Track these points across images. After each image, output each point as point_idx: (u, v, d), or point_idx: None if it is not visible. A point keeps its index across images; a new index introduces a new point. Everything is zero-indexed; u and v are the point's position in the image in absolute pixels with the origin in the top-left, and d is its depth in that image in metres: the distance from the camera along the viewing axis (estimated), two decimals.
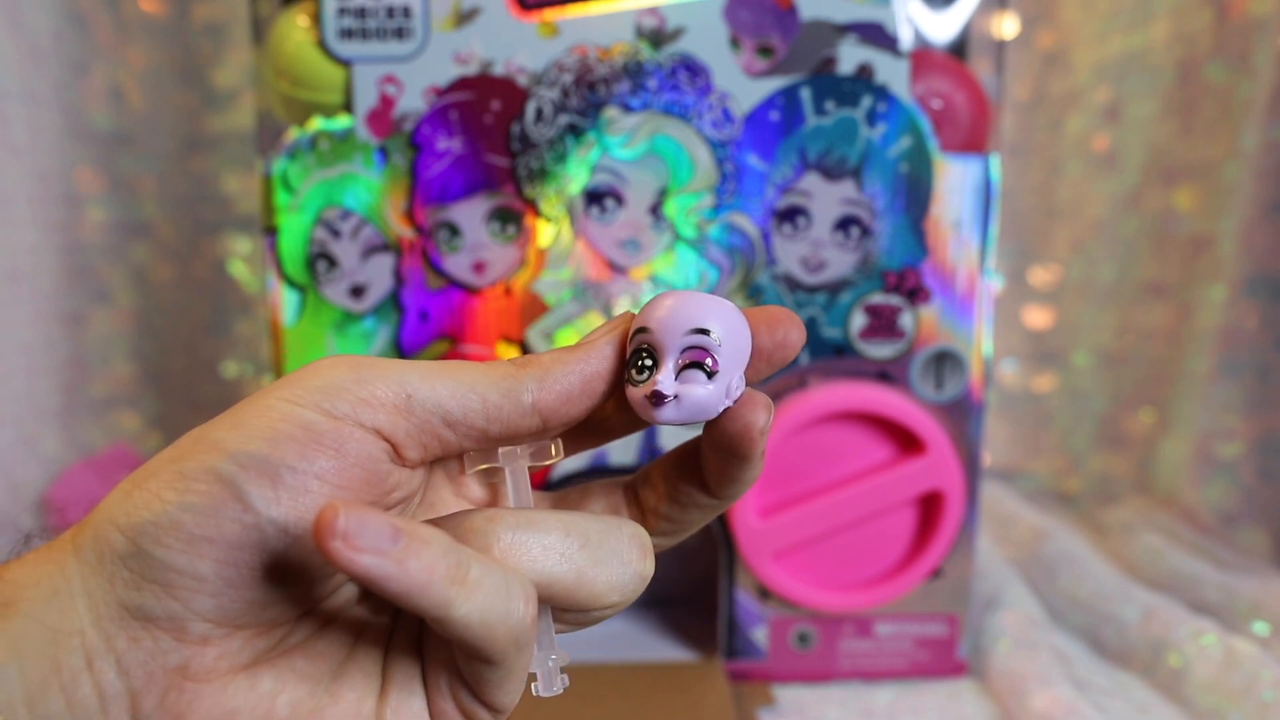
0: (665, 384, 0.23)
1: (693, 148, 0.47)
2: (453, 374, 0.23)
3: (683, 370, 0.23)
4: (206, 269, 0.82)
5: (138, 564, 0.20)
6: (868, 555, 0.51)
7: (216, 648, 0.21)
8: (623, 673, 0.50)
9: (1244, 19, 0.66)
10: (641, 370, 0.23)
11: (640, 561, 0.24)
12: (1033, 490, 0.83)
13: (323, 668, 0.23)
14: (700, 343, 0.23)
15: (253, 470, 0.20)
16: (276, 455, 0.21)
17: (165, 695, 0.21)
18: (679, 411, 0.23)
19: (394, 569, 0.19)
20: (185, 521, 0.20)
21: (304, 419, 0.21)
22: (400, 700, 0.23)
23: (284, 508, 0.21)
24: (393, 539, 0.19)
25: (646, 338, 0.23)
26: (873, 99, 0.47)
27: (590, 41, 0.46)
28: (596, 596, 0.23)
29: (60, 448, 0.70)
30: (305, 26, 0.46)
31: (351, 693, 0.23)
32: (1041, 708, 0.45)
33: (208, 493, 0.20)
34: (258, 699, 0.22)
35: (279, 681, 0.22)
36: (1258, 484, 0.66)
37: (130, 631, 0.20)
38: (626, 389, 0.24)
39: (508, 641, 0.21)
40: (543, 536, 0.22)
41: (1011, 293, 0.85)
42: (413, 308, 0.48)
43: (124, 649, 0.20)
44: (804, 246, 0.48)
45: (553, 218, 0.48)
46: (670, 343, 0.23)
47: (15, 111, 0.64)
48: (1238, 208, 0.65)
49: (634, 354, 0.24)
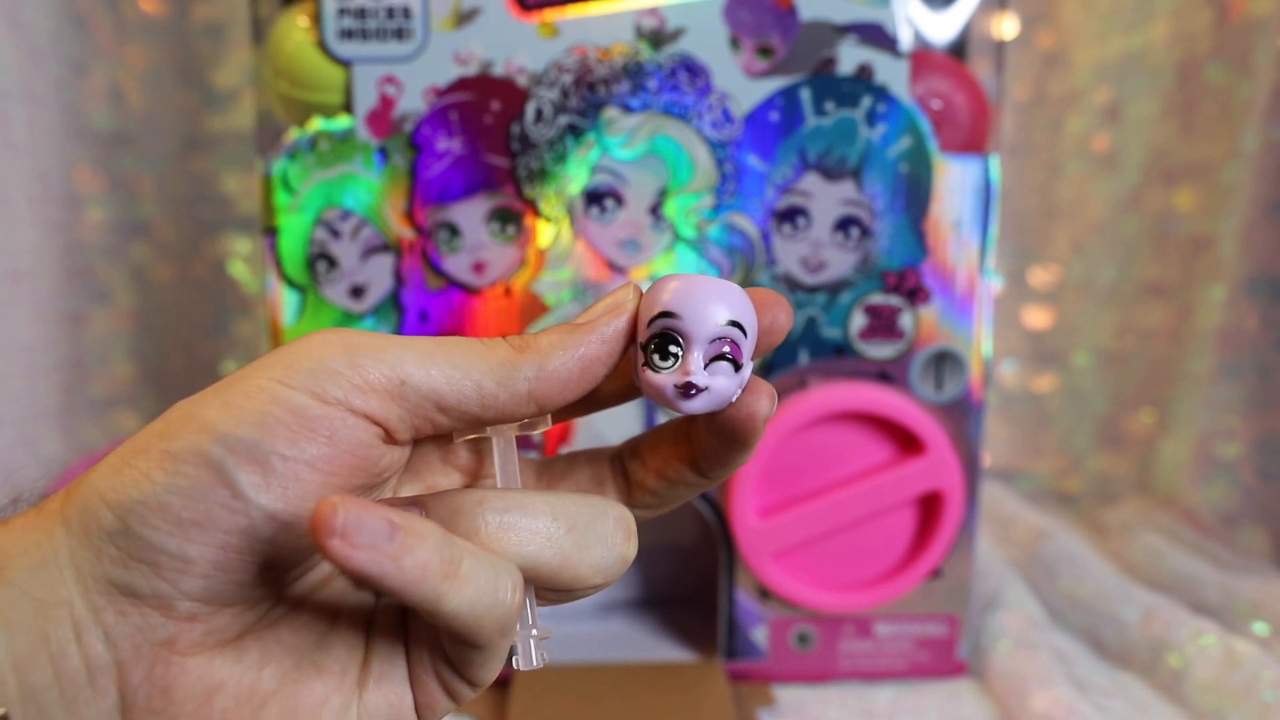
0: (699, 375, 0.22)
1: (692, 148, 0.47)
2: (449, 357, 0.22)
3: (711, 362, 0.23)
4: (206, 269, 0.82)
5: (126, 542, 0.20)
6: (868, 555, 0.50)
7: (204, 624, 0.21)
8: (623, 673, 0.50)
9: (1244, 19, 0.66)
10: (666, 357, 0.23)
11: (624, 545, 0.24)
12: (1033, 490, 0.83)
13: (307, 640, 0.23)
14: (733, 335, 0.23)
15: (243, 456, 0.20)
16: (267, 441, 0.20)
17: (152, 668, 0.21)
18: (706, 402, 0.23)
19: (390, 566, 0.19)
20: (173, 504, 0.20)
21: (295, 403, 0.21)
22: (383, 671, 0.23)
23: (273, 494, 0.21)
24: (389, 536, 0.19)
25: (675, 324, 0.23)
26: (872, 99, 0.47)
27: (590, 42, 0.46)
28: (579, 579, 0.23)
29: (60, 448, 0.70)
30: (305, 27, 0.46)
31: (335, 664, 0.23)
32: (1041, 708, 0.45)
33: (196, 476, 0.20)
34: (243, 671, 0.22)
35: (264, 654, 0.22)
36: (1258, 484, 0.66)
37: (118, 605, 0.20)
38: (644, 373, 0.23)
39: (494, 629, 0.21)
40: (530, 520, 0.22)
41: (1011, 293, 0.85)
42: (412, 308, 0.48)
43: (111, 622, 0.20)
44: (804, 247, 0.48)
45: (552, 218, 0.48)
46: (701, 332, 0.23)
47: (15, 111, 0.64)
48: (1238, 208, 0.65)
49: (658, 339, 0.23)
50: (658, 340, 0.23)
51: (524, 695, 0.48)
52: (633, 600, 0.60)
